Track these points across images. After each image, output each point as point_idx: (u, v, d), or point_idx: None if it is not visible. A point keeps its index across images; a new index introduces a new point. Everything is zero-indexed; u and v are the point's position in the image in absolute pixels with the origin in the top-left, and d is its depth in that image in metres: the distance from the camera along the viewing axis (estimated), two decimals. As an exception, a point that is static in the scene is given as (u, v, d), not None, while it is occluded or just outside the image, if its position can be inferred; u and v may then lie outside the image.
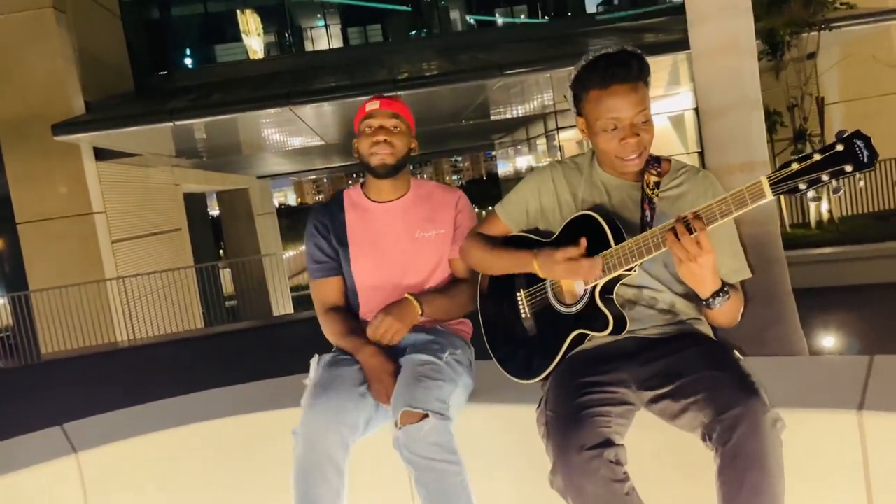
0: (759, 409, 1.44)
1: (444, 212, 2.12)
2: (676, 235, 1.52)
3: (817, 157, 1.40)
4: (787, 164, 1.43)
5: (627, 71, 1.67)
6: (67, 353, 10.03)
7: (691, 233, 1.51)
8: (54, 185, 10.65)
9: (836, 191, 1.40)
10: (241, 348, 8.97)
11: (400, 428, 1.73)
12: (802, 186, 1.42)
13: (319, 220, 2.14)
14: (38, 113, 10.25)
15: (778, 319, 3.23)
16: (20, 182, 10.66)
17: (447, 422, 1.75)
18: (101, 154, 11.19)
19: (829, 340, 4.95)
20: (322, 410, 1.78)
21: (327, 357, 2.03)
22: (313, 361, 2.03)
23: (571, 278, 1.72)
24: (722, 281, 1.62)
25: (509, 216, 1.94)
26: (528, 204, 1.90)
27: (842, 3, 9.05)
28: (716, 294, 1.60)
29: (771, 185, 1.43)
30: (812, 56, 9.29)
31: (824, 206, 9.33)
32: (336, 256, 2.11)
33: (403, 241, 2.08)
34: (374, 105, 2.07)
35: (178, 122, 10.04)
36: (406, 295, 2.00)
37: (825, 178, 1.39)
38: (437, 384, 1.81)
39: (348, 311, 2.13)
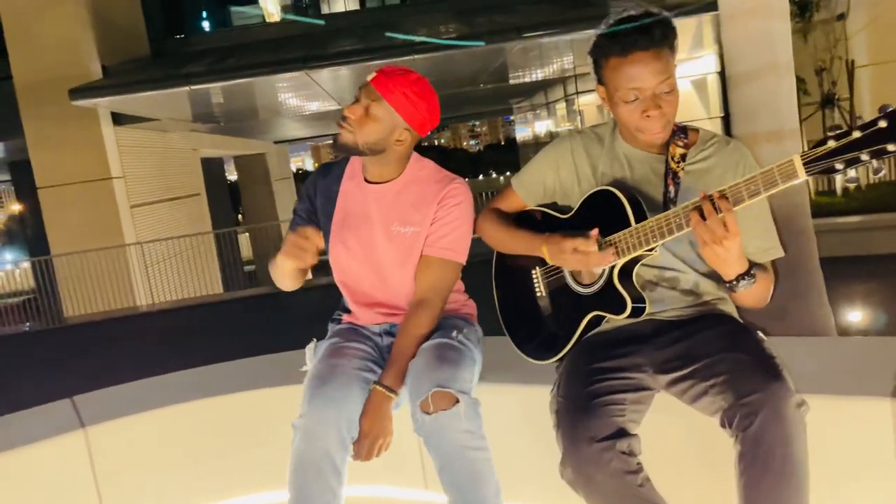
0: (783, 394, 1.36)
1: (426, 206, 1.85)
2: (702, 215, 1.42)
3: (856, 134, 1.28)
4: (823, 142, 1.32)
5: (649, 37, 1.55)
6: (89, 318, 10.17)
7: (718, 213, 1.41)
8: (73, 150, 10.69)
9: (876, 171, 1.29)
10: (259, 314, 9.02)
11: (431, 413, 1.62)
12: (839, 166, 1.31)
13: (314, 182, 1.97)
14: (56, 77, 10.25)
15: (804, 293, 3.13)
16: (39, 147, 10.72)
17: (477, 405, 1.67)
18: (118, 119, 11.20)
19: (855, 314, 4.84)
20: (322, 405, 1.68)
21: (324, 345, 1.92)
22: (309, 349, 1.95)
23: (580, 269, 1.63)
24: (749, 262, 1.52)
25: (525, 190, 1.85)
26: (544, 177, 1.81)
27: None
28: (741, 277, 1.50)
29: (804, 164, 1.33)
30: (842, 17, 8.98)
31: (851, 173, 9.10)
32: (316, 219, 1.93)
33: (379, 233, 1.87)
34: (370, 74, 1.82)
35: (194, 87, 9.99)
36: (373, 385, 1.75)
37: (864, 157, 1.28)
38: (459, 364, 1.71)
39: None
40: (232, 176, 22.79)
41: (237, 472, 2.13)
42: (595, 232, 1.58)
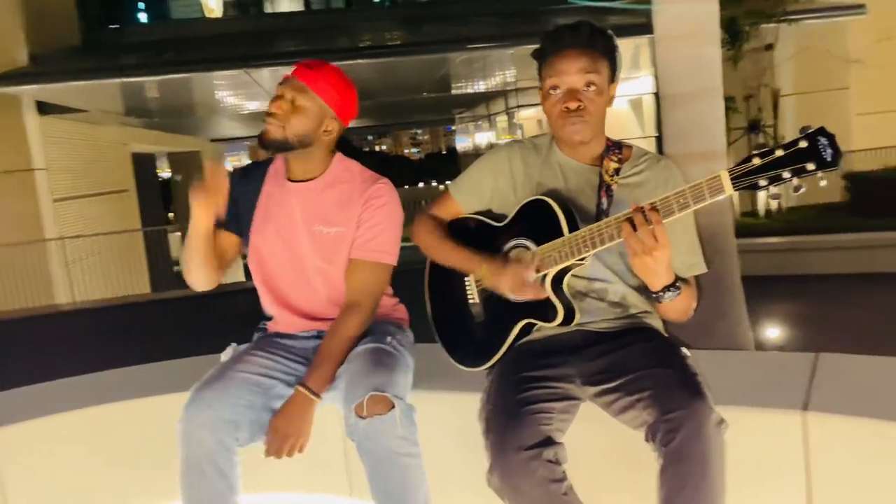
0: (704, 412, 1.41)
1: (350, 207, 1.83)
2: (633, 226, 1.46)
3: (779, 152, 1.34)
4: (748, 159, 1.37)
5: (576, 36, 1.65)
6: (3, 315, 9.66)
7: (649, 224, 1.45)
8: (-8, 139, 10.17)
9: (796, 189, 1.35)
10: (187, 315, 8.75)
11: (365, 417, 1.59)
12: (763, 183, 1.36)
13: (239, 180, 1.90)
14: (-21, 64, 9.74)
15: (726, 311, 3.25)
16: (-44, 134, 10.14)
17: (413, 411, 1.66)
18: (44, 108, 10.71)
19: (773, 331, 5.05)
20: (199, 407, 1.65)
21: (241, 349, 1.89)
22: (224, 354, 1.90)
23: (516, 295, 1.64)
24: (675, 275, 1.57)
25: (463, 197, 1.86)
26: (482, 185, 1.82)
27: (801, -4, 9.18)
28: (666, 288, 1.55)
29: (732, 179, 1.38)
30: (770, 47, 9.42)
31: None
32: (234, 219, 1.88)
33: (302, 233, 1.84)
34: (290, 71, 1.80)
35: (127, 80, 9.67)
36: (297, 387, 1.71)
37: (786, 175, 1.34)
38: (395, 369, 1.70)
39: None
40: (165, 173, 22.12)
41: (150, 478, 2.05)
42: (536, 259, 1.61)
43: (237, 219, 1.89)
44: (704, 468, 1.38)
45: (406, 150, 68.31)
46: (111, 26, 14.75)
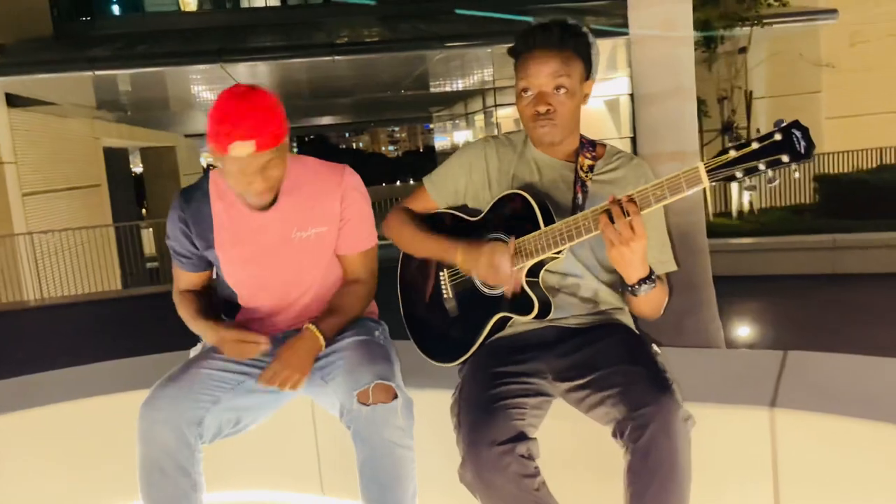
0: (672, 408, 1.42)
1: (325, 204, 1.79)
2: (610, 218, 1.47)
3: (755, 145, 1.36)
4: (725, 151, 1.39)
5: (547, 36, 1.65)
6: (-30, 311, 9.46)
7: (626, 216, 1.46)
8: (-41, 131, 9.95)
9: (770, 181, 1.37)
10: (159, 312, 8.64)
11: (369, 404, 1.59)
12: (739, 175, 1.38)
13: (179, 217, 1.78)
14: (-55, 53, 9.52)
15: (697, 308, 3.29)
16: (-79, 125, 9.90)
17: (412, 405, 1.67)
18: (13, 101, 10.49)
19: (743, 329, 5.13)
20: (159, 405, 1.62)
21: (209, 345, 1.85)
22: (193, 351, 1.88)
23: (492, 281, 1.63)
24: (650, 269, 1.57)
25: (438, 191, 1.85)
26: (457, 180, 1.82)
27: (774, 1, 9.31)
28: (642, 281, 1.55)
29: (707, 171, 1.40)
30: (743, 50, 9.55)
31: (745, 197, 9.65)
32: (201, 255, 1.81)
33: (278, 245, 1.77)
34: (243, 150, 1.55)
35: (98, 72, 9.50)
36: (307, 325, 1.72)
37: (762, 167, 1.36)
38: (391, 361, 1.70)
39: (205, 294, 1.90)
40: (137, 168, 21.82)
41: (117, 477, 2.01)
42: (513, 242, 1.60)
43: (199, 256, 1.82)
44: (672, 466, 1.39)
45: (383, 148, 68.08)
46: (83, 17, 14.47)
